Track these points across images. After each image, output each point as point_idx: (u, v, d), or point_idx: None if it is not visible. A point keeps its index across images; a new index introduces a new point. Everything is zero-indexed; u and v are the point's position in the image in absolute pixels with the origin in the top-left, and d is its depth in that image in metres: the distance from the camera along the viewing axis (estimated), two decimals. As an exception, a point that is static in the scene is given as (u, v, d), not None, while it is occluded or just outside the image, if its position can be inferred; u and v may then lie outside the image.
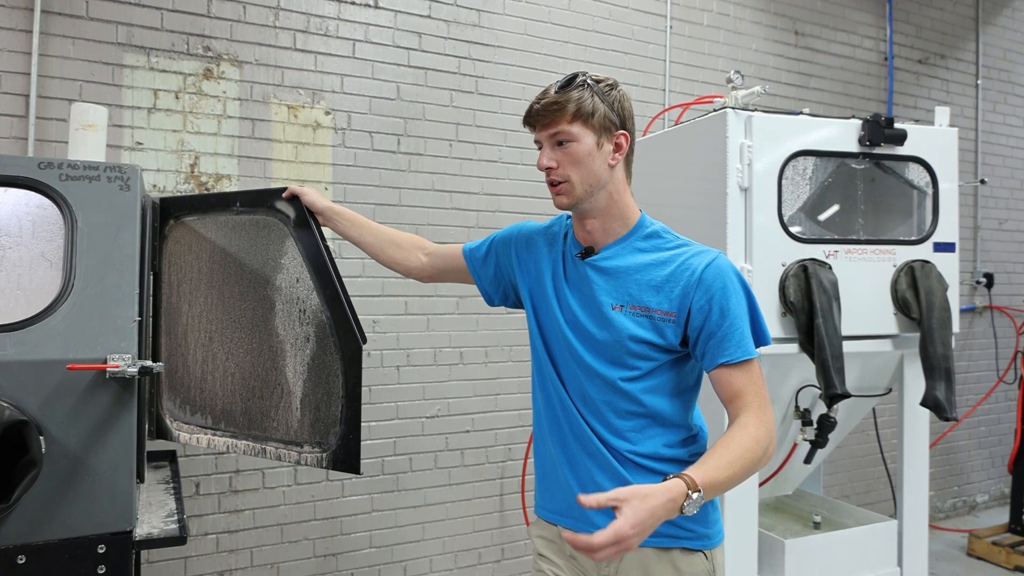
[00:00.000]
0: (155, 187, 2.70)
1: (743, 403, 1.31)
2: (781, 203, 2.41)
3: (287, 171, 2.92)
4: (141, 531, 1.64)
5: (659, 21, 3.73)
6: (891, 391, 2.78)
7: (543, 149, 1.41)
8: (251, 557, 2.87)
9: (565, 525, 1.49)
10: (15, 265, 1.62)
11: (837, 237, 2.53)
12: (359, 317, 1.78)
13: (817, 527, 2.73)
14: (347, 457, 1.76)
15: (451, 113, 3.24)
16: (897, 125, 2.51)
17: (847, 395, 2.25)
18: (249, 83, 2.86)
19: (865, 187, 2.59)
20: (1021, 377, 4.38)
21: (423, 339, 3.18)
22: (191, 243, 2.01)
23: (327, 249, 1.81)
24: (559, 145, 1.38)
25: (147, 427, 2.01)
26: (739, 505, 2.37)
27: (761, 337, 1.38)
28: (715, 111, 2.45)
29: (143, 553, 2.58)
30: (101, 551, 1.54)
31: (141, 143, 2.69)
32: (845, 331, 2.33)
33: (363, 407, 1.84)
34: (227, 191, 2.75)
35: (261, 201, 1.92)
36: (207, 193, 2.73)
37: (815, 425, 2.54)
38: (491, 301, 1.69)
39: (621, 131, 1.40)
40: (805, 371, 2.46)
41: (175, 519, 1.75)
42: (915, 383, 2.56)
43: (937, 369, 2.39)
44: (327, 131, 3.00)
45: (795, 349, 2.38)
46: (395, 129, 3.12)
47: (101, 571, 1.54)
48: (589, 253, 1.46)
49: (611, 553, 1.08)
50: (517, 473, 3.36)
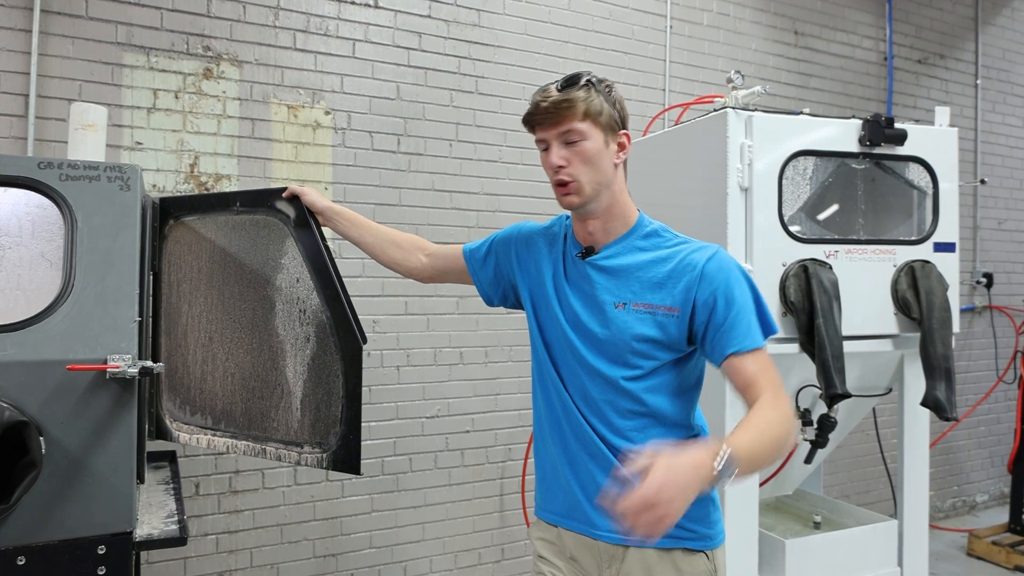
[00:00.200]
0: (155, 187, 2.69)
1: (759, 388, 1.29)
2: (781, 203, 2.41)
3: (287, 171, 2.92)
4: (141, 532, 1.64)
5: (659, 21, 3.73)
6: (891, 391, 2.78)
7: (551, 148, 1.38)
8: (251, 558, 2.87)
9: (566, 527, 1.49)
10: (15, 265, 1.62)
11: (837, 237, 2.52)
12: (359, 317, 1.77)
13: (817, 527, 2.73)
14: (347, 457, 1.76)
15: (451, 113, 3.23)
16: (897, 125, 2.51)
17: (847, 395, 2.25)
18: (249, 83, 2.86)
19: (865, 187, 2.59)
20: (1021, 377, 4.38)
21: (423, 339, 3.18)
22: (191, 243, 2.01)
23: (327, 249, 1.81)
24: (568, 144, 1.36)
25: (147, 427, 2.01)
26: (739, 505, 2.37)
27: (768, 327, 1.37)
28: (715, 111, 2.45)
29: (143, 554, 2.58)
30: (101, 552, 1.54)
31: (141, 143, 2.69)
32: (845, 331, 2.33)
33: (363, 407, 1.83)
34: (227, 191, 2.75)
35: (261, 201, 1.91)
36: (207, 193, 2.73)
37: (815, 425, 2.54)
38: (490, 302, 1.68)
39: (623, 131, 1.41)
40: (805, 371, 2.46)
41: (175, 520, 1.74)
42: (915, 383, 2.56)
43: (937, 369, 2.39)
44: (327, 131, 2.99)
45: (795, 349, 2.38)
46: (395, 129, 3.12)
47: (101, 572, 1.53)
48: (590, 253, 1.45)
49: (650, 521, 1.01)
50: (517, 473, 3.36)
